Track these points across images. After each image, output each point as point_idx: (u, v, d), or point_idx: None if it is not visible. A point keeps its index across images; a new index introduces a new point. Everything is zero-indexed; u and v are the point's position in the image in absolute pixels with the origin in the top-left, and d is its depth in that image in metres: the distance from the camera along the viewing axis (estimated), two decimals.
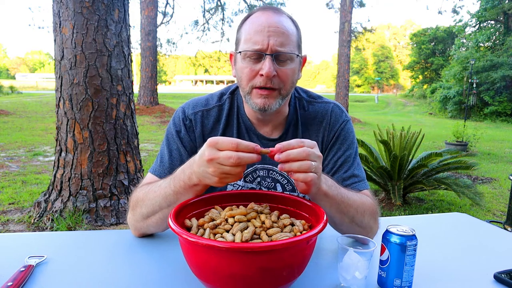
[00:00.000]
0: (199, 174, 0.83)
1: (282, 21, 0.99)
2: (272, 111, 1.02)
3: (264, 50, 0.96)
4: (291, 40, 0.99)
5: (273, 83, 0.98)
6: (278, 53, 0.97)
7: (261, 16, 0.99)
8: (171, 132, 1.13)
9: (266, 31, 0.96)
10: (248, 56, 0.98)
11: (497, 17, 22.67)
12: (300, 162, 0.77)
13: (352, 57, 30.61)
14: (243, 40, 1.00)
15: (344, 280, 0.81)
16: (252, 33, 0.98)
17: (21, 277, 0.81)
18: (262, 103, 1.00)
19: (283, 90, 1.01)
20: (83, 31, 3.27)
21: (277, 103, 1.01)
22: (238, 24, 1.06)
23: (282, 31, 0.97)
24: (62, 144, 3.46)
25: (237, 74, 1.04)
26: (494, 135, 12.04)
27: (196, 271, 0.75)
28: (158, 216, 0.97)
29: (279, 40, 0.96)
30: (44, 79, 59.65)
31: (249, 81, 1.00)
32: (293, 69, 1.01)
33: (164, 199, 0.93)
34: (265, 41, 0.96)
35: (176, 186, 0.91)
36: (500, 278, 0.88)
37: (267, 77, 0.96)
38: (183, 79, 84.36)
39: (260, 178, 1.14)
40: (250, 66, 0.98)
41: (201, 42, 60.37)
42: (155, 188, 0.97)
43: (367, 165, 4.29)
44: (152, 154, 7.04)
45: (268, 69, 0.95)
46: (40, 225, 3.37)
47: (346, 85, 14.97)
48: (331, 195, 0.91)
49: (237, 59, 1.03)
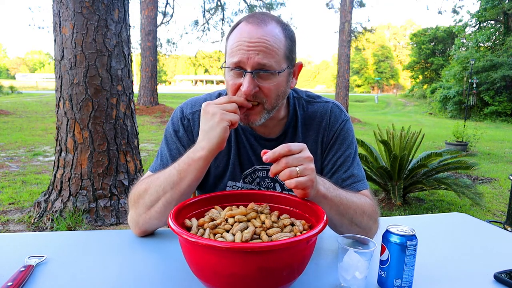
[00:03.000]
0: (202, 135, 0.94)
1: (266, 34, 0.93)
2: (258, 125, 1.02)
3: (244, 65, 0.94)
4: (275, 54, 0.95)
5: (256, 98, 0.97)
6: (259, 69, 0.94)
7: (244, 28, 0.96)
8: (170, 132, 1.13)
9: (246, 46, 0.93)
10: (231, 70, 0.98)
11: (497, 17, 22.66)
12: (282, 172, 0.82)
13: (352, 57, 30.63)
14: (227, 53, 0.99)
15: (344, 280, 0.81)
16: (234, 47, 0.96)
17: (21, 277, 0.81)
18: (246, 121, 1.01)
19: (267, 104, 0.99)
20: (83, 31, 3.27)
21: (262, 117, 1.01)
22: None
23: (265, 46, 0.93)
24: (62, 144, 3.46)
25: (225, 85, 1.05)
26: (494, 135, 12.03)
27: (196, 271, 0.75)
28: (161, 203, 0.97)
29: (259, 56, 0.93)
30: (44, 79, 59.65)
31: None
32: (276, 84, 0.98)
33: (168, 181, 0.95)
34: (244, 56, 0.93)
35: (180, 164, 0.94)
36: (500, 278, 0.88)
37: (246, 95, 0.95)
38: (183, 79, 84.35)
39: (259, 179, 1.14)
40: (234, 81, 0.98)
41: (201, 42, 60.47)
42: (158, 175, 1.00)
43: (367, 165, 4.29)
44: (152, 154, 7.04)
45: (247, 87, 0.94)
46: (40, 225, 3.37)
47: (346, 85, 14.97)
48: (329, 197, 0.91)
49: (224, 71, 1.02)
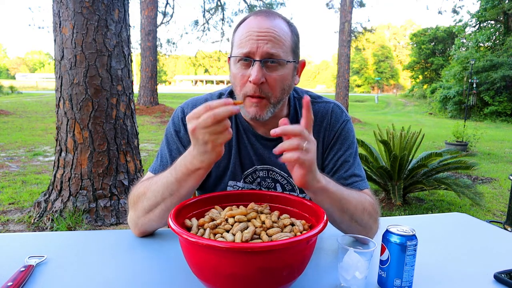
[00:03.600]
0: (197, 154, 0.85)
1: (274, 26, 0.96)
2: (265, 119, 1.02)
3: (253, 55, 0.95)
4: (283, 45, 0.97)
5: (262, 91, 0.97)
6: (266, 59, 0.95)
7: (252, 20, 0.98)
8: (170, 132, 1.13)
9: (256, 36, 0.95)
10: (239, 61, 0.98)
11: (497, 17, 22.66)
12: (289, 140, 0.79)
13: (352, 57, 30.65)
14: (235, 45, 1.00)
15: (344, 280, 0.81)
16: (242, 38, 0.97)
17: (21, 277, 0.81)
18: (254, 112, 0.99)
19: (273, 98, 0.99)
20: (83, 31, 3.27)
21: (268, 112, 1.01)
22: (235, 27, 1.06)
23: (273, 35, 0.95)
24: (62, 144, 3.46)
25: (231, 79, 1.04)
26: (494, 135, 12.03)
27: (196, 271, 0.75)
28: (160, 208, 0.97)
29: (269, 45, 0.94)
30: (44, 79, 59.71)
31: (241, 89, 0.99)
32: (283, 76, 0.98)
33: (166, 188, 0.94)
34: (254, 45, 0.94)
35: (178, 174, 0.92)
36: (500, 278, 0.88)
37: (254, 83, 0.95)
38: (183, 79, 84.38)
39: (260, 179, 1.14)
40: (241, 72, 0.98)
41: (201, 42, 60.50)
42: (156, 179, 0.98)
43: (367, 165, 4.29)
44: (152, 154, 7.04)
45: (256, 75, 0.94)
46: (40, 225, 3.38)
47: (346, 85, 14.97)
48: (330, 191, 0.90)
49: (231, 64, 1.03)
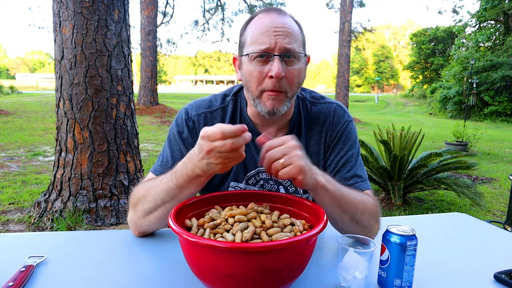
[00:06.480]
0: (202, 166, 0.84)
1: (287, 22, 0.98)
2: (280, 114, 1.02)
3: (272, 50, 0.95)
4: (297, 39, 0.99)
5: (280, 86, 0.97)
6: (286, 52, 0.96)
7: (265, 17, 0.99)
8: (173, 133, 1.12)
9: (273, 32, 0.95)
10: (256, 58, 0.97)
11: (497, 17, 22.66)
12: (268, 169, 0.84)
13: (352, 57, 30.66)
14: (248, 42, 0.99)
15: (344, 280, 0.81)
16: (257, 34, 0.97)
17: (22, 277, 0.81)
18: (272, 106, 0.99)
19: (290, 93, 1.01)
20: (83, 31, 3.27)
21: (285, 106, 1.01)
22: (240, 27, 1.06)
23: (289, 31, 0.97)
24: (62, 144, 3.46)
25: (243, 78, 1.03)
26: (494, 135, 12.04)
27: (196, 271, 0.75)
28: (160, 211, 0.97)
29: (286, 40, 0.96)
30: (44, 79, 59.73)
31: (258, 85, 0.99)
32: (299, 70, 1.00)
33: (166, 193, 0.94)
34: (272, 41, 0.95)
35: (178, 180, 0.91)
36: (500, 278, 0.88)
37: (276, 78, 0.95)
38: (183, 79, 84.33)
39: (263, 181, 1.13)
40: (259, 69, 0.97)
41: (201, 42, 60.49)
42: (156, 183, 0.97)
43: (367, 165, 4.29)
44: (152, 154, 7.04)
45: (278, 69, 0.94)
46: (40, 225, 3.38)
47: (346, 85, 14.97)
48: (330, 189, 0.90)
49: (243, 62, 1.02)
